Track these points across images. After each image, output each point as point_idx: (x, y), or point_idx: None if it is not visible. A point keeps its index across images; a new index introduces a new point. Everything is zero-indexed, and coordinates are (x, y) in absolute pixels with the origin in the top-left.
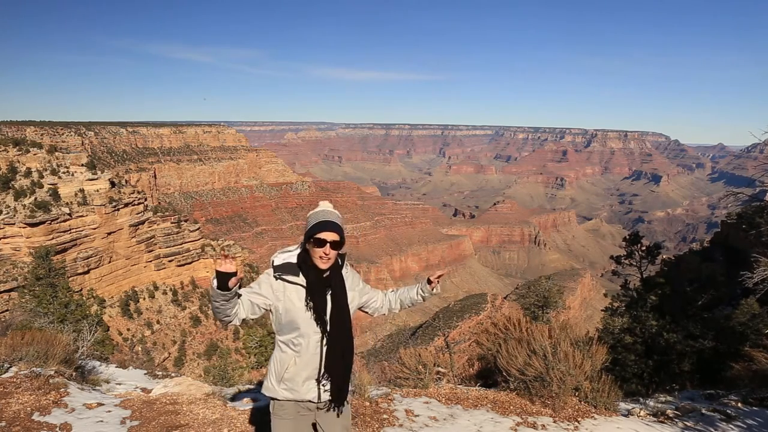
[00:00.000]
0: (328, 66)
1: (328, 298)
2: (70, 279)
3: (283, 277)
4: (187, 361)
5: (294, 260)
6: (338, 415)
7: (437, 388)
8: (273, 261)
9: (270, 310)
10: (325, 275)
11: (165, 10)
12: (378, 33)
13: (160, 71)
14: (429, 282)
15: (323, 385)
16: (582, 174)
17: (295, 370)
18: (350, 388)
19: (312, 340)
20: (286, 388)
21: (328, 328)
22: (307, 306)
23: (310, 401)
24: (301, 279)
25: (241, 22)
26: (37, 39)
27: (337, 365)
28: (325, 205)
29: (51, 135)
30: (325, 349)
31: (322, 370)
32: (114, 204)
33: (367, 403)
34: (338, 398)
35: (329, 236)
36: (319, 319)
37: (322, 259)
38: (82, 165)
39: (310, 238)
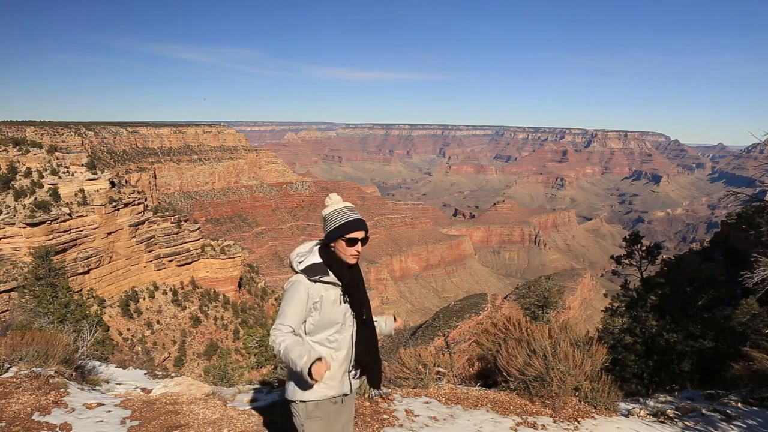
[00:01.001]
0: (328, 66)
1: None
2: (70, 279)
3: (322, 279)
4: (187, 361)
5: (318, 260)
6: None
7: (437, 388)
8: (296, 266)
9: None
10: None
11: (165, 10)
12: (378, 33)
13: (160, 71)
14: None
15: (353, 375)
16: (582, 174)
17: (335, 366)
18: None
19: (348, 334)
20: (327, 386)
21: (362, 318)
22: (343, 301)
23: (344, 394)
24: (332, 277)
25: (240, 21)
26: (37, 39)
27: (373, 350)
28: (339, 201)
29: (51, 135)
30: (355, 339)
31: (353, 361)
32: (114, 204)
33: (367, 403)
34: (377, 381)
35: (360, 234)
36: (358, 312)
37: (354, 256)
38: (82, 165)
39: (340, 238)
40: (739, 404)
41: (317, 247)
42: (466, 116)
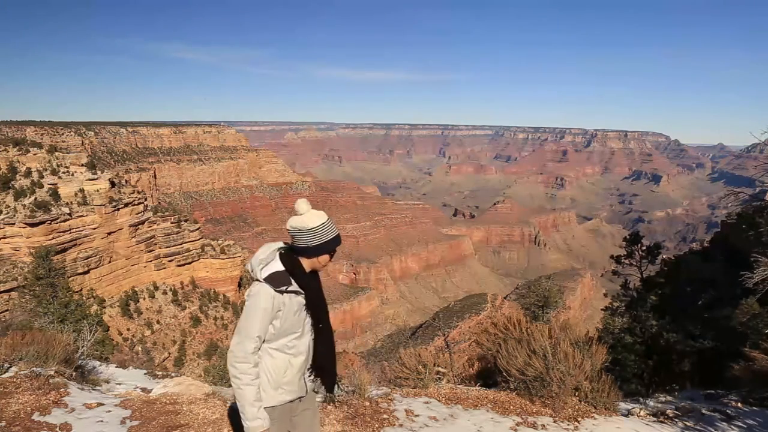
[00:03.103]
0: (328, 66)
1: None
2: (70, 279)
3: (288, 290)
4: (187, 361)
5: (280, 268)
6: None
7: (437, 388)
8: (259, 273)
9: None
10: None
11: (168, 9)
12: (378, 33)
13: (160, 71)
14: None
15: (308, 377)
16: (582, 174)
17: (293, 372)
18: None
19: (306, 339)
20: (285, 391)
21: (318, 326)
22: (306, 309)
23: (300, 397)
24: (295, 286)
25: (241, 21)
26: (38, 38)
27: (331, 355)
28: (311, 211)
29: (51, 135)
30: (314, 345)
31: (309, 364)
32: (114, 204)
33: (367, 403)
34: (331, 386)
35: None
36: (316, 320)
37: (326, 266)
38: (82, 165)
39: (324, 251)
40: (739, 404)
41: (278, 253)
42: (466, 116)
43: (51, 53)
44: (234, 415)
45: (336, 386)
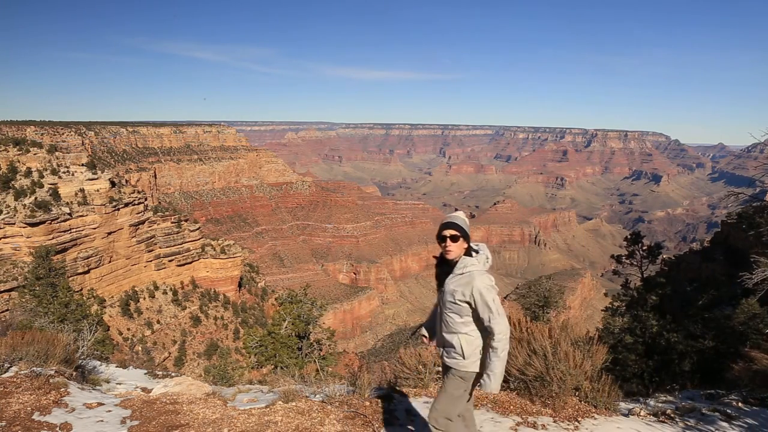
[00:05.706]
0: (328, 65)
1: None
2: (70, 279)
3: None
4: (188, 361)
5: None
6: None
7: (437, 387)
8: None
9: None
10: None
11: (175, 8)
12: (378, 32)
13: (160, 70)
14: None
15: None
16: (582, 174)
17: None
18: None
19: None
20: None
21: None
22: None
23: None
24: None
25: (243, 20)
26: (41, 38)
27: None
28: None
29: (51, 135)
30: None
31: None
32: (114, 204)
33: (367, 403)
34: None
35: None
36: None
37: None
38: (82, 165)
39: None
40: (740, 404)
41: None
42: (466, 116)
43: (51, 52)
44: (234, 414)
45: None
